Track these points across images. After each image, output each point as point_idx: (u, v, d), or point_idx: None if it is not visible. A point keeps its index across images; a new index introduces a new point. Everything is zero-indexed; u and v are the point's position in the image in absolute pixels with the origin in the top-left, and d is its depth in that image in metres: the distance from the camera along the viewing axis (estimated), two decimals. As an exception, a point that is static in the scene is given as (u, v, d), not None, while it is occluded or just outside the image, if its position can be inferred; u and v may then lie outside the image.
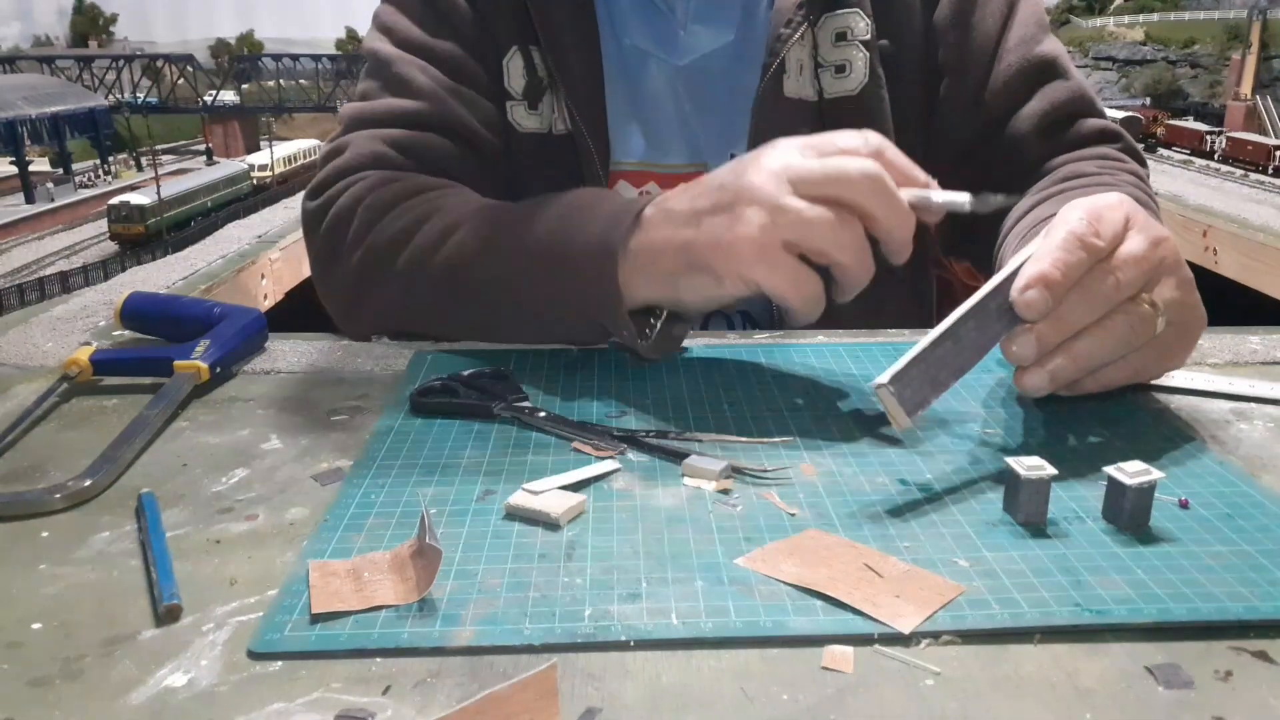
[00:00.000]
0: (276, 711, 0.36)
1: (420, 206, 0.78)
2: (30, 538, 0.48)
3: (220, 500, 0.52)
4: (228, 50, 66.43)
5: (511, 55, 0.89)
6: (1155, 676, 0.38)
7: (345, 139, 0.88)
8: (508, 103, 0.90)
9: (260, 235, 2.14)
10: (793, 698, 0.36)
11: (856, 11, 0.87)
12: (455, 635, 0.40)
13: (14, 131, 26.85)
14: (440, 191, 0.81)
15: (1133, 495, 0.47)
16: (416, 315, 0.78)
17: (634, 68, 0.91)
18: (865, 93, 0.88)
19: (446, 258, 0.74)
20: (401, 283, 0.77)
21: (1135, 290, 0.58)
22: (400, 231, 0.77)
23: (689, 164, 0.91)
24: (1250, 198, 2.79)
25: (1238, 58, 40.43)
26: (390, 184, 0.82)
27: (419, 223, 0.76)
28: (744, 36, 0.89)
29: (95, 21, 76.48)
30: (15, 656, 0.39)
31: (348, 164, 0.86)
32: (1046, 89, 0.90)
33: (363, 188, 0.82)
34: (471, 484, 0.52)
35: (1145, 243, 0.58)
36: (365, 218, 0.80)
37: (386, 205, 0.80)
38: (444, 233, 0.75)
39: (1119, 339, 0.58)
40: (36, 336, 0.80)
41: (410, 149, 0.86)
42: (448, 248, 0.74)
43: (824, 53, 0.87)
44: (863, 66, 0.88)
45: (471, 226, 0.74)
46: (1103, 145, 0.90)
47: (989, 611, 0.41)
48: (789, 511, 0.50)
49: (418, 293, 0.77)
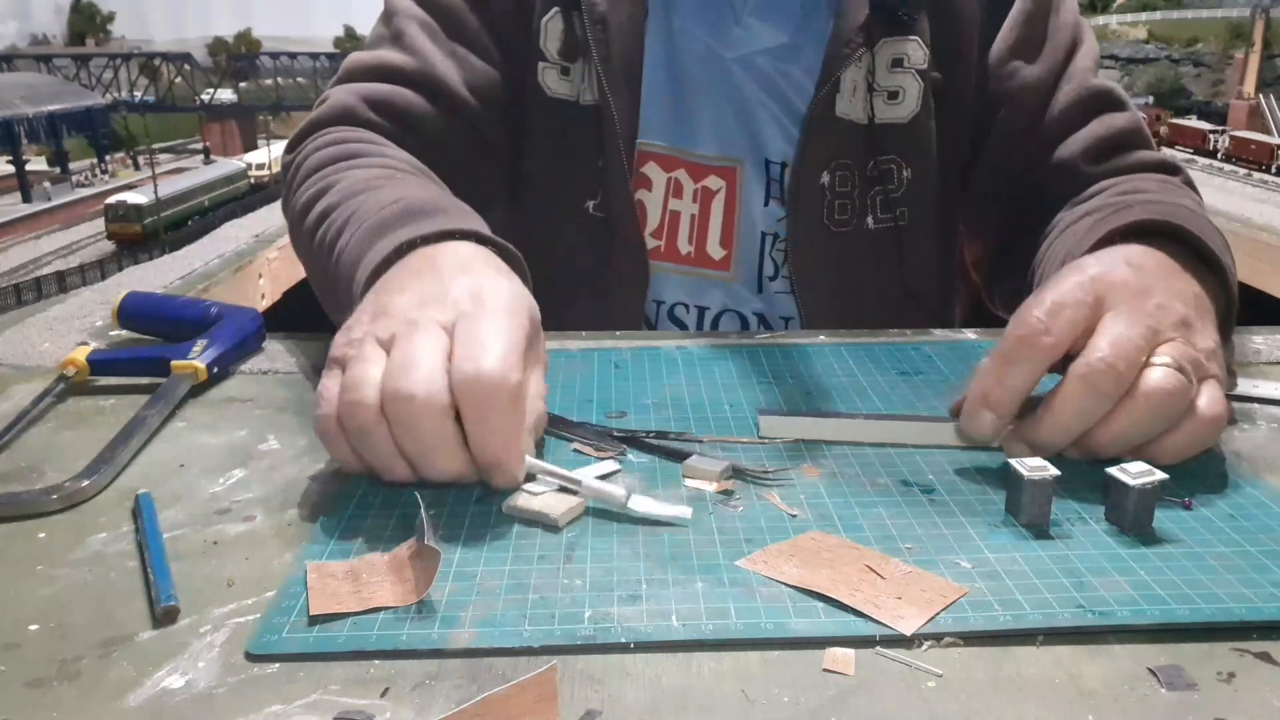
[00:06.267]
0: (274, 713, 0.36)
1: (328, 177, 0.77)
2: (27, 539, 0.48)
3: (218, 501, 0.52)
4: (225, 49, 66.42)
5: (552, 16, 0.87)
6: (1158, 678, 0.37)
7: (330, 90, 0.88)
8: (540, 64, 0.88)
9: (258, 235, 2.13)
10: (794, 700, 0.36)
11: (915, 40, 0.86)
12: (454, 637, 0.39)
13: (11, 130, 26.83)
14: (361, 161, 0.78)
15: (1135, 496, 0.47)
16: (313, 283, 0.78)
17: (679, 50, 0.89)
18: (915, 122, 0.88)
19: (317, 243, 0.72)
20: (303, 251, 0.77)
21: (1137, 369, 0.52)
22: (303, 204, 0.77)
23: (720, 157, 0.90)
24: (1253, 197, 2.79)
25: (1241, 56, 40.47)
26: (332, 145, 0.81)
27: (317, 197, 0.75)
28: (797, 42, 0.88)
29: (92, 20, 76.46)
30: (12, 658, 0.39)
31: (319, 117, 0.86)
32: (1103, 117, 0.89)
33: (314, 146, 0.82)
34: (471, 484, 0.52)
35: (1127, 314, 0.53)
36: (300, 179, 0.80)
37: (310, 170, 0.79)
38: (322, 215, 0.73)
39: (1149, 417, 0.52)
40: (33, 336, 0.80)
41: (384, 105, 0.85)
42: (319, 233, 0.72)
43: (878, 77, 0.86)
44: (916, 95, 0.87)
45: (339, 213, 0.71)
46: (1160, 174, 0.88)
47: (991, 613, 0.41)
48: (790, 513, 0.49)
49: (310, 266, 0.77)
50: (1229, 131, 24.62)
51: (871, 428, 0.58)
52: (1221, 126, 27.24)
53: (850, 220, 0.89)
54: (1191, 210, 0.70)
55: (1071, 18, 0.92)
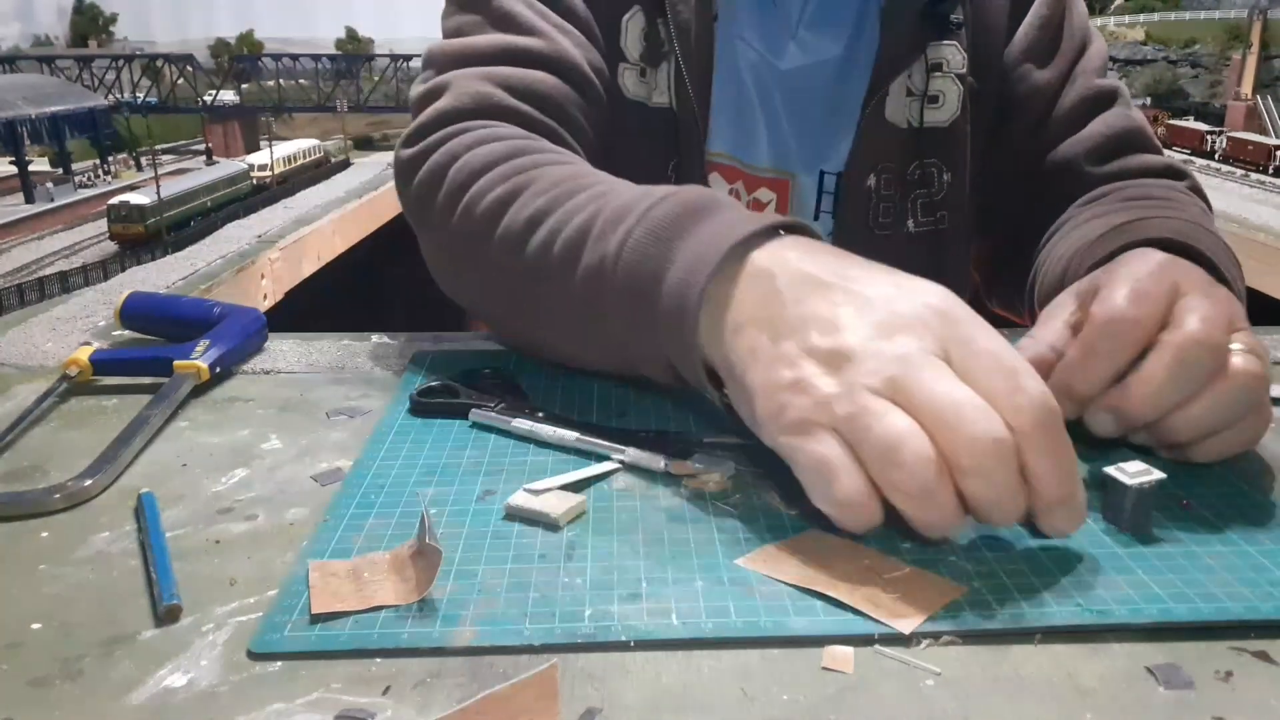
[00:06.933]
0: (276, 712, 0.36)
1: (515, 176, 0.65)
2: (30, 538, 0.48)
3: (220, 500, 0.52)
4: (227, 50, 66.42)
5: (633, 14, 0.83)
6: (1156, 676, 0.38)
7: (444, 78, 0.77)
8: (620, 64, 0.84)
9: (260, 235, 2.15)
10: (793, 698, 0.36)
11: (955, 45, 0.87)
12: (455, 635, 0.40)
13: (14, 131, 26.84)
14: (540, 155, 0.68)
15: (1134, 496, 0.47)
16: (491, 311, 0.71)
17: (735, 60, 0.88)
18: (954, 126, 0.88)
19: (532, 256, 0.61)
20: (488, 269, 0.66)
21: (1225, 350, 0.51)
22: (490, 208, 0.65)
23: (773, 169, 0.89)
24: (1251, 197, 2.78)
25: (1238, 57, 40.44)
26: (492, 141, 0.70)
27: (508, 199, 0.64)
28: (850, 55, 0.88)
29: (95, 21, 76.49)
30: (15, 657, 0.39)
31: (449, 108, 0.74)
32: (1106, 117, 0.89)
33: (462, 142, 0.70)
34: (471, 484, 0.52)
35: (1206, 298, 0.53)
36: (457, 181, 0.68)
37: (481, 169, 0.67)
38: (532, 219, 0.62)
39: (1233, 400, 0.51)
40: (36, 336, 0.80)
41: (524, 90, 0.76)
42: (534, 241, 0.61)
43: (917, 81, 0.86)
44: (955, 99, 0.87)
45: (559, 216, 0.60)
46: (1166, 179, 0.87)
47: (989, 612, 0.41)
48: (789, 512, 0.50)
49: (501, 287, 0.66)
50: (1226, 133, 24.61)
51: None
52: (1219, 128, 27.23)
53: (892, 224, 0.89)
54: (1208, 230, 0.70)
55: (1082, 21, 0.92)
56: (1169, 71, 44.36)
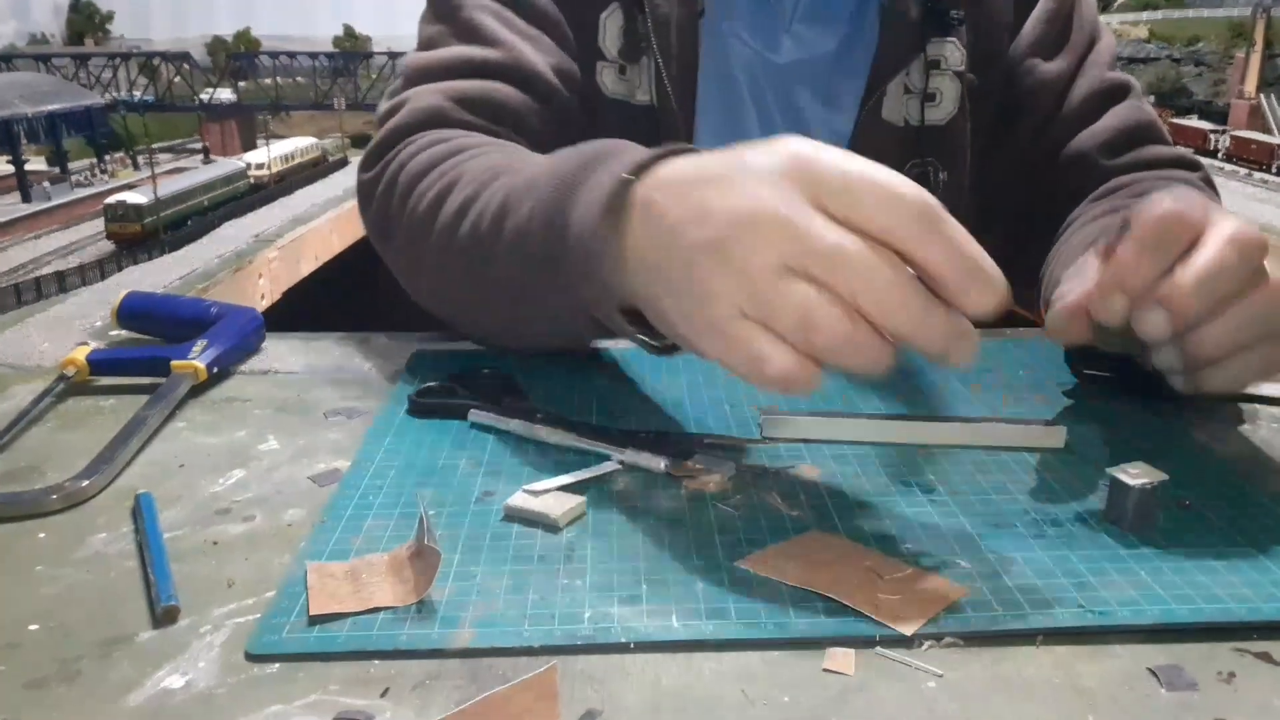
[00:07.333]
0: (274, 713, 0.36)
1: (450, 172, 0.68)
2: (27, 539, 0.48)
3: (217, 501, 0.52)
4: (224, 48, 66.39)
5: (611, 11, 0.83)
6: (1158, 678, 0.37)
7: (404, 95, 0.79)
8: (598, 63, 0.84)
9: (257, 235, 2.13)
10: (794, 700, 0.36)
11: (953, 41, 0.86)
12: (454, 637, 0.39)
13: (10, 130, 26.83)
14: (476, 150, 0.70)
15: (1136, 496, 0.47)
16: (450, 308, 0.72)
17: (727, 55, 0.87)
18: (952, 124, 0.87)
19: (463, 241, 0.64)
20: (434, 266, 0.69)
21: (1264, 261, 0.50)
22: (429, 206, 0.67)
23: None
24: (1254, 196, 2.77)
25: (1242, 56, 40.49)
26: (434, 145, 0.72)
27: (444, 194, 0.66)
28: (847, 50, 0.87)
29: (91, 19, 76.46)
30: (12, 658, 0.39)
31: (402, 124, 0.77)
32: (1118, 110, 0.88)
33: (409, 152, 0.73)
34: (470, 485, 0.52)
35: (1234, 219, 0.51)
36: (404, 188, 0.70)
37: (422, 172, 0.70)
38: (461, 207, 0.64)
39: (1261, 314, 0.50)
40: (33, 336, 0.79)
41: (476, 102, 0.77)
42: (464, 227, 0.64)
43: (918, 79, 0.86)
44: (953, 97, 0.87)
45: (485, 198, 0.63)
46: (1179, 171, 0.86)
47: (991, 613, 0.41)
48: (790, 512, 0.49)
49: (448, 280, 0.68)
50: (1230, 131, 24.67)
51: (874, 427, 0.58)
52: (1222, 126, 27.29)
53: None
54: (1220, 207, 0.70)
55: (1091, 14, 0.92)
56: (1172, 70, 44.42)
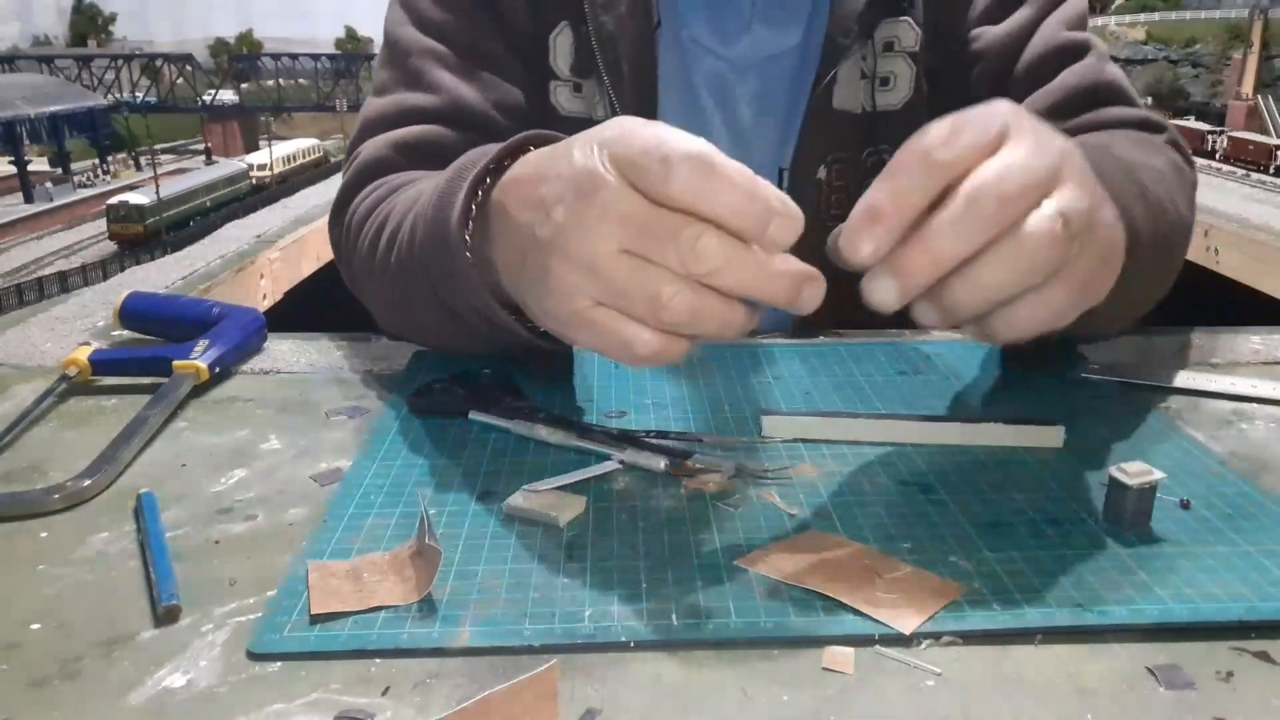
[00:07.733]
0: (276, 712, 0.36)
1: (384, 212, 0.72)
2: (29, 538, 0.48)
3: (219, 500, 0.52)
4: (226, 49, 66.45)
5: (560, 30, 0.84)
6: (1156, 677, 0.38)
7: (357, 150, 0.83)
8: (551, 83, 0.85)
9: (259, 235, 2.12)
10: (793, 698, 0.36)
11: (906, 21, 0.84)
12: (455, 636, 0.39)
13: (13, 131, 26.86)
14: (407, 184, 0.73)
15: (1134, 496, 0.47)
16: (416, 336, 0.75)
17: (689, 62, 0.87)
18: (909, 107, 0.85)
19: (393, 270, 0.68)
20: (388, 301, 0.73)
21: (1026, 204, 0.42)
22: (369, 246, 0.72)
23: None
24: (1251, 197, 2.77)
25: (1239, 57, 40.45)
26: (374, 191, 0.76)
27: (379, 233, 0.70)
28: (809, 43, 0.86)
29: (94, 21, 76.52)
30: (14, 657, 0.39)
31: (353, 180, 0.81)
32: (1077, 66, 0.81)
33: (356, 203, 0.77)
34: (471, 484, 0.52)
35: (1030, 146, 0.43)
36: (353, 236, 0.75)
37: (365, 217, 0.74)
38: (389, 240, 0.68)
39: (1021, 264, 0.42)
40: (35, 336, 0.80)
41: (419, 149, 0.80)
42: (392, 258, 0.67)
43: (869, 63, 0.84)
44: (908, 80, 0.85)
45: (405, 227, 0.66)
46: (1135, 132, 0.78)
47: (990, 612, 0.41)
48: (789, 512, 0.49)
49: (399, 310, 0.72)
50: (1227, 132, 24.66)
51: (873, 427, 0.58)
52: (1220, 127, 27.27)
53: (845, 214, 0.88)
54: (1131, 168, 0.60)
55: None
56: (1170, 71, 44.36)
